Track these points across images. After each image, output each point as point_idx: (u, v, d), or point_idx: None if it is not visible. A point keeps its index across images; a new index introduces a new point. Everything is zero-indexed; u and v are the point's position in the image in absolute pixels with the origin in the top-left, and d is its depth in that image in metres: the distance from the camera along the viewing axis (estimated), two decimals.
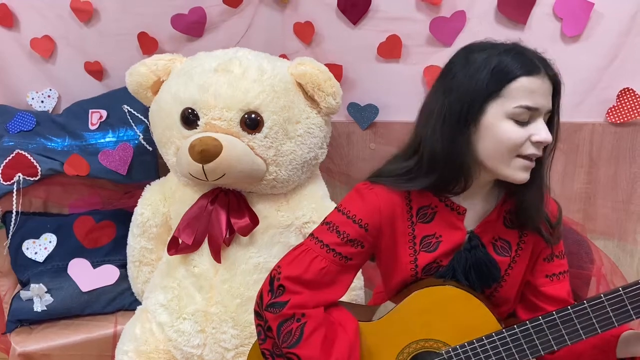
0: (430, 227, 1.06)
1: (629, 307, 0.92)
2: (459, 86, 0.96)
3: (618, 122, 1.61)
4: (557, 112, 1.01)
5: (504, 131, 0.95)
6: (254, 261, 1.44)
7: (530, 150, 0.96)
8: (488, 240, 1.07)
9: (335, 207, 1.09)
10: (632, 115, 1.59)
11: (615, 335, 1.01)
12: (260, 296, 1.06)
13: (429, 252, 1.06)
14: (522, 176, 0.98)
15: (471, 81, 0.95)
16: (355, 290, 1.53)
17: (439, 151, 0.98)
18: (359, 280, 1.55)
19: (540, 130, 0.96)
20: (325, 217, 1.08)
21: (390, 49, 1.67)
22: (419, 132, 1.03)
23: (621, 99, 1.60)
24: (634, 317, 0.93)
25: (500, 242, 1.07)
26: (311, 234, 1.08)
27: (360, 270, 1.53)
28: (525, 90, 0.94)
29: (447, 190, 1.03)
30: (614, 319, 0.93)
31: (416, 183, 1.02)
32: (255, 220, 1.43)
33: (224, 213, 1.42)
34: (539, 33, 1.59)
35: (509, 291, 1.09)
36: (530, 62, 0.95)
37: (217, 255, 1.43)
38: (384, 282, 1.16)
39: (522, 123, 0.95)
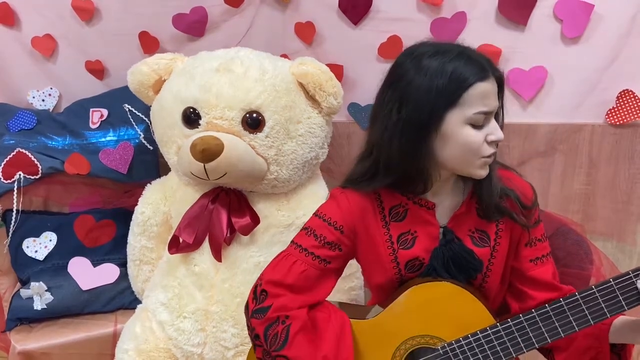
0: (404, 225, 1.08)
1: (621, 298, 0.94)
2: (416, 96, 0.96)
3: (617, 123, 1.62)
4: (502, 107, 1.04)
5: (465, 137, 0.98)
6: (254, 260, 1.44)
7: (489, 150, 1.00)
8: (464, 234, 1.08)
9: (313, 213, 1.12)
10: (632, 117, 1.60)
11: (608, 322, 1.02)
12: (246, 307, 1.09)
13: (407, 249, 1.07)
14: (483, 173, 1.02)
15: (429, 90, 0.95)
16: (355, 290, 1.53)
17: (398, 160, 1.00)
18: (358, 280, 1.55)
19: (495, 130, 0.99)
20: (305, 223, 1.11)
21: (391, 49, 1.68)
22: (372, 137, 1.05)
23: (620, 100, 1.60)
24: (625, 307, 0.94)
25: (477, 233, 1.08)
26: (292, 241, 1.11)
27: (360, 270, 1.54)
28: (481, 95, 0.97)
29: (409, 190, 1.06)
30: (605, 310, 0.95)
31: (375, 182, 1.06)
32: (256, 220, 1.43)
33: (225, 212, 1.43)
34: (539, 34, 1.60)
35: (495, 280, 1.10)
36: (481, 67, 0.97)
37: (217, 254, 1.43)
38: (371, 287, 1.18)
39: (479, 126, 0.98)
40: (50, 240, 1.67)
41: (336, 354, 1.02)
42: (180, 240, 1.46)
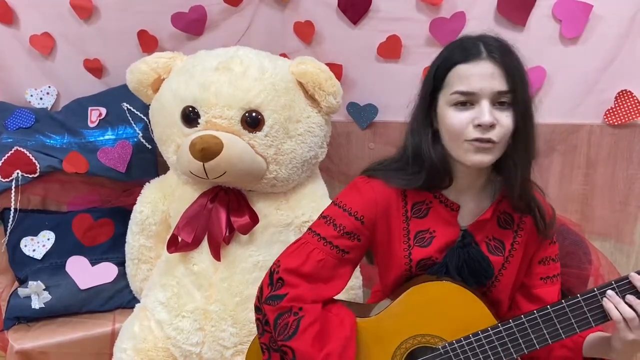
0: (424, 223, 1.07)
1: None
2: (425, 80, 1.04)
3: (615, 123, 1.62)
4: (521, 96, 0.97)
5: (448, 118, 0.99)
6: (253, 259, 1.44)
7: (473, 134, 0.96)
8: (482, 239, 1.08)
9: (332, 201, 1.10)
10: (630, 117, 1.61)
11: (584, 335, 1.03)
12: (260, 290, 1.08)
13: (422, 247, 1.07)
14: (475, 159, 0.97)
15: (429, 74, 1.02)
16: (354, 290, 1.53)
17: (414, 148, 1.03)
18: (357, 280, 1.55)
19: (480, 113, 0.95)
20: (323, 211, 1.10)
21: (390, 49, 1.68)
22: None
23: (619, 100, 1.61)
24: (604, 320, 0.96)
25: (494, 241, 1.08)
26: (309, 228, 1.10)
27: (359, 269, 1.54)
28: (460, 76, 0.97)
29: (435, 185, 1.05)
30: (592, 318, 0.96)
31: (412, 182, 1.05)
32: (255, 219, 1.43)
33: (224, 211, 1.42)
34: (538, 34, 1.60)
35: (502, 292, 1.10)
36: (470, 49, 0.97)
37: (216, 254, 1.43)
38: (381, 279, 1.17)
39: (463, 108, 0.97)
40: (49, 239, 1.67)
41: (340, 354, 1.02)
42: (179, 239, 1.45)
